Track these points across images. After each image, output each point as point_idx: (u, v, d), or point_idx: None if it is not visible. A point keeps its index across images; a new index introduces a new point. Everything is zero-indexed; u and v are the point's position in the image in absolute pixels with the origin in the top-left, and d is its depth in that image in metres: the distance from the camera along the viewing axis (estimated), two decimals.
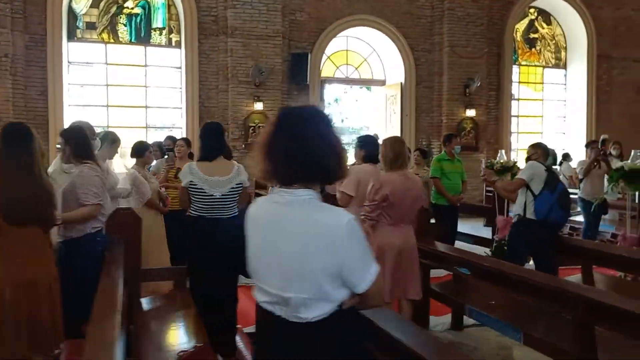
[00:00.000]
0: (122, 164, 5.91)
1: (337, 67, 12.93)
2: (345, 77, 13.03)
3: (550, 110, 14.71)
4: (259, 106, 11.04)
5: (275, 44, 11.18)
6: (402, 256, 3.77)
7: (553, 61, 14.52)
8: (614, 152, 9.40)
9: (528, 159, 5.13)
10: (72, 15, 10.86)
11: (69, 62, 10.87)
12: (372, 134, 13.50)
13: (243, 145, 10.89)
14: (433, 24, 12.54)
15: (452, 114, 12.51)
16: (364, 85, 14.70)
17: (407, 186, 3.78)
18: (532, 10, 14.13)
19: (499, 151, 7.63)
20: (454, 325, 4.74)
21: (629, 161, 6.05)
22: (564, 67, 14.56)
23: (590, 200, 7.21)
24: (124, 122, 11.33)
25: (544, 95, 14.60)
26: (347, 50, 12.98)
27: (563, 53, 14.54)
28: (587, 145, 8.04)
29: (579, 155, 11.23)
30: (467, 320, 4.53)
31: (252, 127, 11.06)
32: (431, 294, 4.54)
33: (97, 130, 5.74)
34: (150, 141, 7.15)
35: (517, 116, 14.27)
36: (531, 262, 5.21)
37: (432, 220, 7.37)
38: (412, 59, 12.47)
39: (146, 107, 11.49)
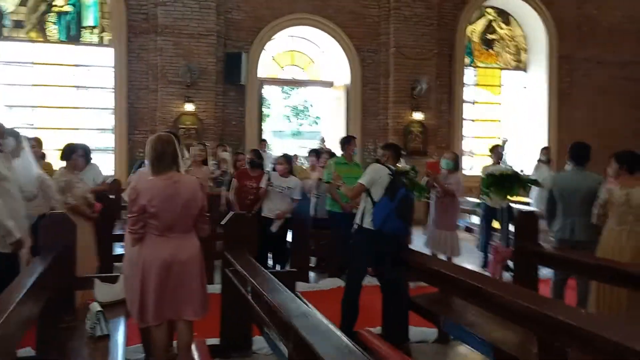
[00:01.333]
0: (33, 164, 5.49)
1: (282, 68, 12.52)
2: (289, 79, 12.63)
3: (510, 114, 14.23)
4: (189, 107, 10.64)
5: (208, 43, 10.79)
6: (173, 271, 3.30)
7: (513, 63, 14.04)
8: (543, 158, 8.94)
9: (377, 162, 4.68)
10: (0, 14, 10.54)
11: None
12: (319, 137, 13.17)
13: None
14: (379, 23, 12.11)
15: (398, 117, 12.06)
16: (309, 87, 14.29)
17: (173, 191, 3.30)
18: (489, 10, 13.68)
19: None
20: (440, 338, 4.46)
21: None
22: (524, 69, 14.08)
23: (494, 206, 6.77)
24: (53, 123, 10.97)
25: (502, 99, 14.11)
26: (292, 51, 12.58)
27: (523, 55, 14.06)
28: (491, 150, 7.60)
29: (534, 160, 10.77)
30: None
31: (183, 129, 10.65)
32: (411, 306, 4.27)
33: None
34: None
35: (474, 120, 13.79)
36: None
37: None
38: (357, 59, 12.05)
39: (76, 108, 11.12)
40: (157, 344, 3.44)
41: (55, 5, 10.86)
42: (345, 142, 6.79)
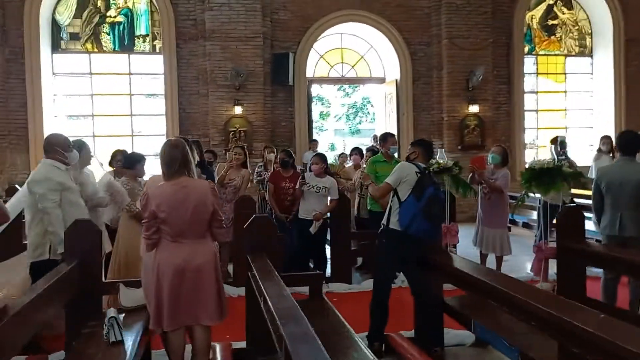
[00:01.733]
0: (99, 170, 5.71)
1: (332, 67, 12.35)
2: (339, 77, 12.43)
3: (575, 103, 13.39)
4: (238, 110, 10.67)
5: (255, 45, 10.78)
6: (186, 277, 3.22)
7: (577, 49, 13.20)
8: (603, 148, 8.30)
9: (407, 159, 4.41)
10: (56, 26, 10.97)
11: (53, 73, 10.99)
12: (372, 135, 12.90)
13: (223, 151, 10.51)
14: (430, 15, 11.71)
15: (453, 111, 11.61)
16: (359, 85, 14.03)
17: (182, 196, 3.23)
18: None
19: (438, 150, 6.79)
20: (477, 342, 4.20)
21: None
22: (590, 54, 13.22)
23: (554, 202, 6.28)
24: (109, 131, 11.31)
25: (567, 87, 13.31)
26: (341, 48, 12.38)
27: (588, 40, 13.19)
28: (552, 142, 7.06)
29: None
30: None
31: (232, 132, 10.70)
32: (444, 309, 4.10)
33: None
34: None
35: (536, 110, 13.09)
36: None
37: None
38: (407, 53, 11.69)
39: (131, 115, 11.42)
40: (174, 350, 3.38)
41: (109, 16, 11.19)
42: (383, 139, 6.54)
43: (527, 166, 5.67)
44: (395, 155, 6.93)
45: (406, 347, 3.55)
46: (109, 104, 11.42)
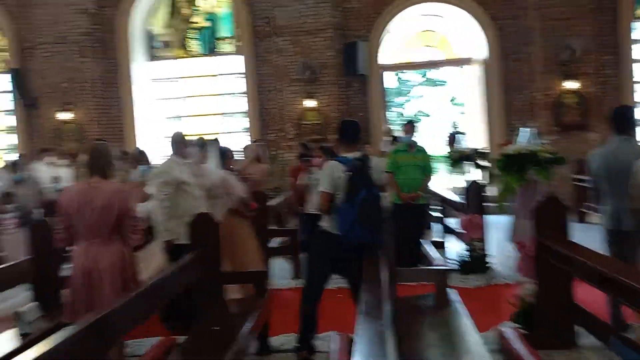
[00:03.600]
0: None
1: (413, 50, 11.79)
2: (419, 62, 11.84)
3: None
4: (310, 103, 10.69)
5: (325, 37, 10.72)
6: (93, 277, 3.28)
7: None
8: None
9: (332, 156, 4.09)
10: (150, 37, 11.91)
11: (150, 79, 11.96)
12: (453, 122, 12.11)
13: (298, 145, 10.59)
14: None
15: (548, 89, 10.43)
16: (444, 67, 13.18)
17: (89, 197, 3.29)
18: None
19: (456, 136, 6.11)
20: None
21: None
22: None
23: None
24: (200, 130, 11.99)
25: None
26: (424, 31, 11.77)
27: None
28: None
29: None
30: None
31: (307, 125, 10.75)
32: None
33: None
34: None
35: None
36: None
37: None
38: (493, 29, 10.75)
39: (217, 114, 12.02)
40: None
41: (195, 22, 11.87)
42: (404, 127, 6.14)
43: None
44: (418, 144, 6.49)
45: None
46: (199, 105, 12.13)
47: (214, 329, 3.47)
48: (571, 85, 10.28)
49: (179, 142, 4.78)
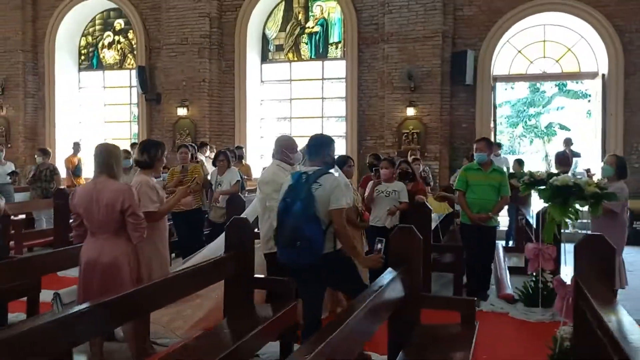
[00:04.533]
0: None
1: (531, 62, 11.17)
2: (533, 74, 11.17)
3: None
4: (411, 112, 10.55)
5: (433, 45, 10.50)
6: (97, 270, 3.48)
7: None
8: None
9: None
10: (265, 40, 12.45)
11: (262, 81, 12.51)
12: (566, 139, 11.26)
13: (395, 153, 10.50)
14: None
15: None
16: (560, 81, 12.25)
17: (95, 195, 3.51)
18: None
19: (570, 157, 5.59)
20: None
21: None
22: None
23: None
24: (303, 132, 12.31)
25: None
26: (544, 41, 11.10)
27: None
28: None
29: None
30: None
31: (405, 134, 10.62)
32: None
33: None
34: None
35: None
36: None
37: None
38: (618, 43, 9.88)
39: (320, 117, 12.26)
40: None
41: (307, 27, 12.20)
42: (476, 143, 5.86)
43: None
44: (496, 163, 6.17)
45: None
46: (305, 107, 12.46)
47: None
48: None
49: (285, 147, 4.43)
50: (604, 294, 2.94)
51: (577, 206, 4.46)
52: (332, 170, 4.76)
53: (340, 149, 11.90)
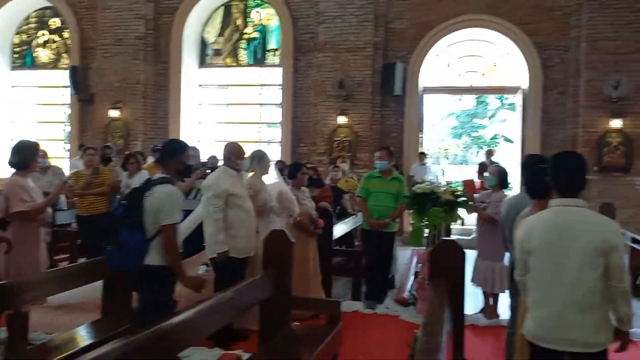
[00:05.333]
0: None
1: (459, 75, 11.55)
2: (460, 87, 11.57)
3: None
4: (342, 120, 10.76)
5: (365, 56, 10.75)
6: None
7: None
8: None
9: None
10: (203, 44, 12.47)
11: (199, 85, 12.51)
12: (487, 150, 11.67)
13: (328, 160, 10.68)
14: (570, 15, 10.19)
15: (591, 125, 9.88)
16: (485, 94, 12.73)
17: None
18: None
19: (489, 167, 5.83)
20: None
21: None
22: None
23: None
24: (240, 137, 12.36)
25: None
26: (472, 56, 11.50)
27: None
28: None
29: None
30: None
31: (337, 142, 10.82)
32: None
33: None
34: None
35: None
36: None
37: None
38: (537, 60, 10.33)
39: (255, 123, 12.35)
40: None
41: (246, 33, 12.29)
42: (378, 153, 6.07)
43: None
44: (421, 173, 6.39)
45: None
46: (243, 113, 12.52)
47: (279, 350, 3.30)
48: (616, 123, 9.68)
49: (233, 153, 4.52)
50: (441, 297, 3.12)
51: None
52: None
53: (274, 155, 12.01)
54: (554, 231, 2.46)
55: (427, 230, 4.77)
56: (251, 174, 5.00)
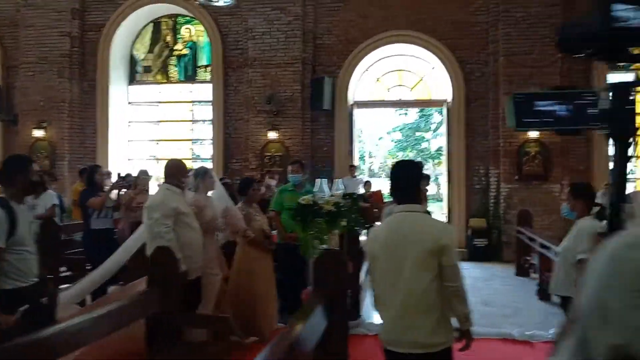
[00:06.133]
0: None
1: (388, 90, 11.82)
2: (390, 101, 11.86)
3: None
4: (273, 135, 10.80)
5: (294, 71, 10.87)
6: None
7: None
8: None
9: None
10: (133, 61, 12.29)
11: (129, 102, 12.31)
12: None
13: (259, 175, 10.67)
14: (487, 31, 10.62)
15: (511, 136, 10.28)
16: (412, 108, 13.12)
17: None
18: None
19: (335, 180, 5.98)
20: None
21: None
22: None
23: None
24: (171, 155, 12.20)
25: None
26: (400, 70, 11.79)
27: None
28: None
29: None
30: None
31: (268, 157, 10.85)
32: None
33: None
34: None
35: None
36: None
37: None
38: (460, 74, 10.71)
39: (188, 140, 12.25)
40: None
41: (176, 50, 12.20)
42: (290, 166, 6.15)
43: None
44: (352, 185, 6.49)
45: None
46: (175, 130, 12.38)
47: None
48: (533, 134, 10.11)
49: (176, 171, 4.45)
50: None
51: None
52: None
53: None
54: (393, 237, 2.58)
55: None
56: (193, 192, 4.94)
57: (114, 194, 6.15)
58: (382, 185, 11.14)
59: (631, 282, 1.15)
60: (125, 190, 6.64)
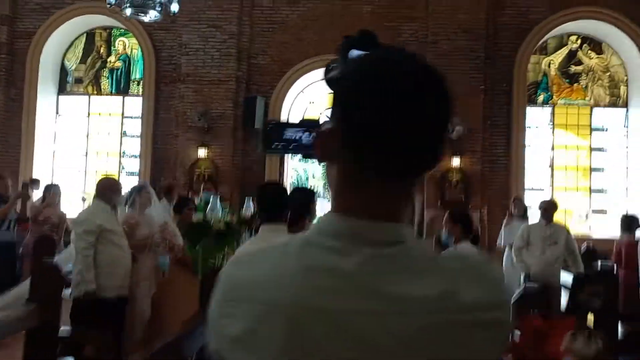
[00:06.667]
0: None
1: (321, 113, 12.00)
2: (314, 121, 12.02)
3: (607, 161, 11.55)
4: (203, 153, 10.76)
5: (227, 89, 10.91)
6: None
7: (607, 99, 11.50)
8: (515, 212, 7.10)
9: None
10: (64, 71, 12.04)
11: (57, 113, 12.02)
12: None
13: (189, 193, 10.53)
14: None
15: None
16: None
17: None
18: (573, 37, 11.50)
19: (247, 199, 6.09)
20: None
21: None
22: (624, 105, 11.43)
23: None
24: (101, 169, 11.96)
25: (593, 142, 11.54)
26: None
27: (623, 89, 11.44)
28: None
29: None
30: None
31: (197, 174, 10.78)
32: None
33: None
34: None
35: (552, 167, 11.52)
36: None
37: None
38: None
39: (121, 154, 12.03)
40: None
41: (109, 62, 12.04)
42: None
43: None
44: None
45: None
46: (105, 143, 12.14)
47: None
48: (455, 162, 10.48)
49: (108, 188, 4.50)
50: None
51: None
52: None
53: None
54: None
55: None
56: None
57: (17, 205, 5.99)
58: None
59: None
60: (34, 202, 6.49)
